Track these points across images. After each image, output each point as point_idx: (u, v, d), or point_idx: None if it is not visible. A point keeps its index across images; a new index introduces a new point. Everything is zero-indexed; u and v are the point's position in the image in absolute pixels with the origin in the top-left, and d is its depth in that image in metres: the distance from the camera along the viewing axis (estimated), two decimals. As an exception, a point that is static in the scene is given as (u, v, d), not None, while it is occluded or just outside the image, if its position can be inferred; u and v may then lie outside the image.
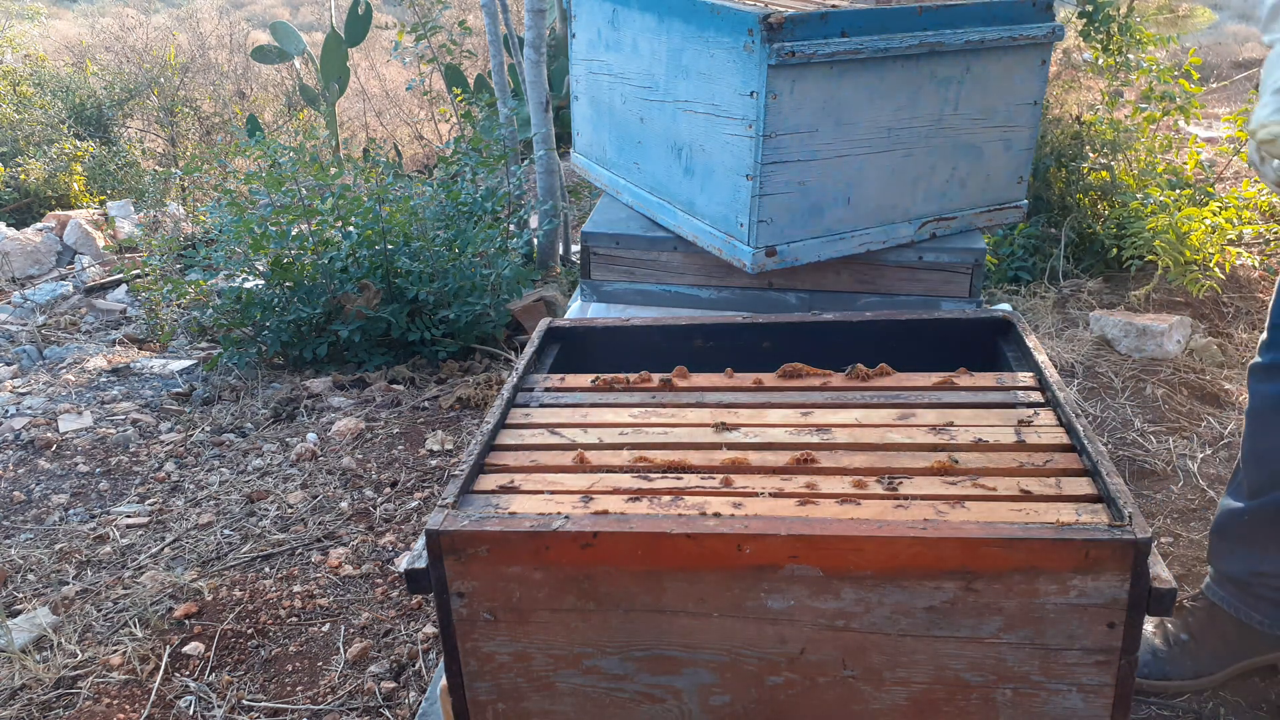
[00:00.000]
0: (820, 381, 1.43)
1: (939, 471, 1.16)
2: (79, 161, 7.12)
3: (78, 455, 3.01)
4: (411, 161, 7.78)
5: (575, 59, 2.54)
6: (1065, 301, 3.60)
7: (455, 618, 1.12)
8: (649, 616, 1.09)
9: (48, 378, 3.78)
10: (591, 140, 2.54)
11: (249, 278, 3.83)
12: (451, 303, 3.61)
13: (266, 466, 2.85)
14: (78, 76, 8.71)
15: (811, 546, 1.03)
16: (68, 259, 5.94)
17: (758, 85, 1.87)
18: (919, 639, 1.06)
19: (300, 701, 1.88)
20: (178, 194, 6.69)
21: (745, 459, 1.22)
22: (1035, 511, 1.06)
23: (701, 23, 1.98)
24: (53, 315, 4.76)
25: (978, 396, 1.36)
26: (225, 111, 8.56)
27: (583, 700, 1.15)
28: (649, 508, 1.12)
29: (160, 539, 2.49)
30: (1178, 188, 3.73)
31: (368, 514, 2.53)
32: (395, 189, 3.93)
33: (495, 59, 4.77)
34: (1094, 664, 1.04)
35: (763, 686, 1.11)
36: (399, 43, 5.78)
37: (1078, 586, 1.01)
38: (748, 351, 1.54)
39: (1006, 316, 1.55)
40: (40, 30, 12.19)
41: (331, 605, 2.16)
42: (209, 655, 2.01)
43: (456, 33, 6.05)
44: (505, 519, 1.11)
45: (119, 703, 1.88)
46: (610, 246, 2.31)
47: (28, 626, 2.12)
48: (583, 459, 1.24)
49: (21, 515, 2.67)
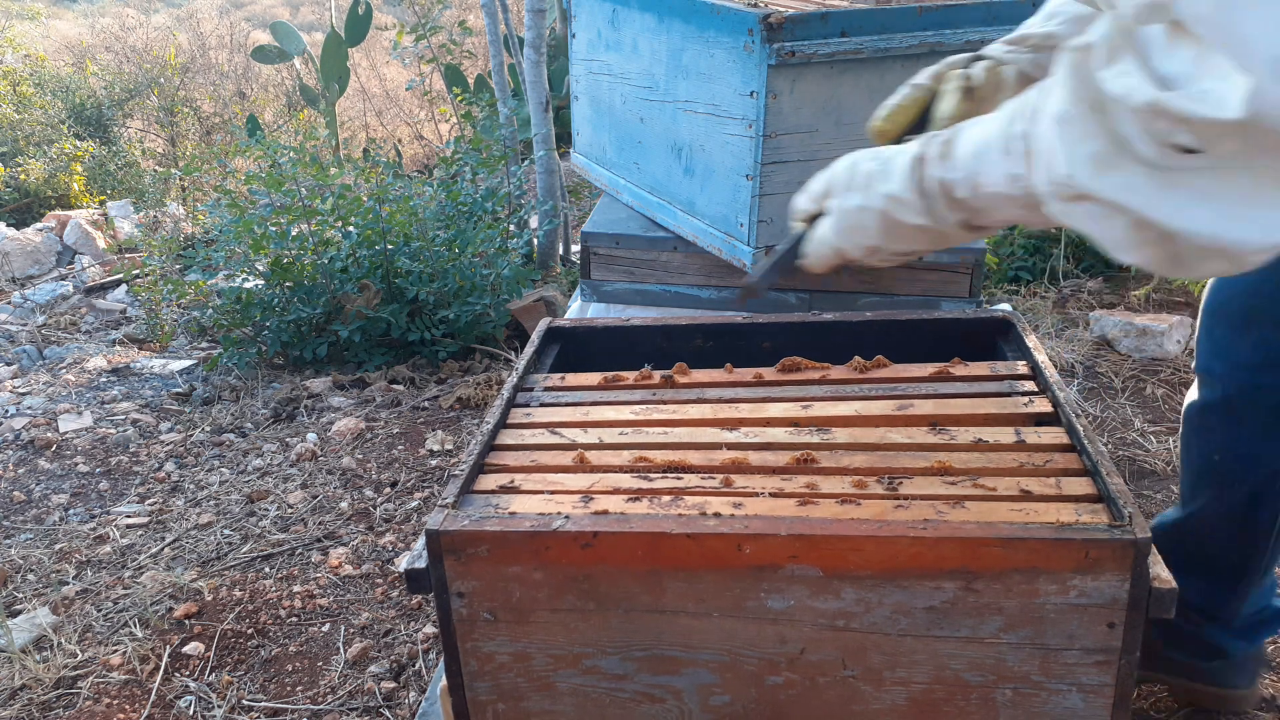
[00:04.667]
0: (819, 375, 1.43)
1: (939, 471, 1.16)
2: (79, 161, 7.13)
3: (78, 455, 3.01)
4: (411, 161, 7.78)
5: (575, 59, 2.54)
6: (1065, 301, 3.61)
7: (455, 618, 1.12)
8: (649, 616, 1.09)
9: (48, 378, 3.78)
10: (591, 140, 2.54)
11: (249, 278, 3.83)
12: (451, 303, 3.61)
13: (266, 466, 2.85)
14: (78, 76, 8.72)
15: (811, 546, 1.03)
16: (68, 259, 5.95)
17: (758, 85, 1.87)
18: (919, 639, 1.06)
19: (300, 701, 1.88)
20: (178, 194, 6.69)
21: (745, 459, 1.22)
22: (1035, 511, 1.06)
23: (701, 23, 1.98)
24: (53, 315, 4.76)
25: (974, 387, 1.36)
26: (225, 111, 8.57)
27: (583, 700, 1.15)
28: (649, 508, 1.12)
29: (160, 539, 2.49)
30: (1178, 188, 3.72)
31: (368, 514, 2.53)
32: (395, 189, 3.93)
33: (495, 59, 4.77)
34: (1094, 664, 1.04)
35: (763, 686, 1.11)
36: (399, 43, 5.79)
37: (1078, 586, 1.01)
38: (748, 351, 1.54)
39: (1006, 316, 1.55)
40: (40, 30, 12.20)
41: (331, 605, 2.16)
42: (209, 655, 2.01)
43: (456, 33, 6.05)
44: (505, 519, 1.11)
45: (119, 703, 1.88)
46: (610, 246, 2.31)
47: (28, 626, 2.12)
48: (583, 459, 1.24)
49: (21, 515, 2.67)
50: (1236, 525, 1.51)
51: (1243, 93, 0.71)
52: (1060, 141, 0.86)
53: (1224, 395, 1.46)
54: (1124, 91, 0.79)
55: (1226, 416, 1.46)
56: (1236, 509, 1.50)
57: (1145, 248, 0.84)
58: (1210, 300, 1.47)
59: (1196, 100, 0.73)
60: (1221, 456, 1.48)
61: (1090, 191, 0.84)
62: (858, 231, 1.12)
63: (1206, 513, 1.54)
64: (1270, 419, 1.42)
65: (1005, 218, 1.01)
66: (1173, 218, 0.80)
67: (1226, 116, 0.72)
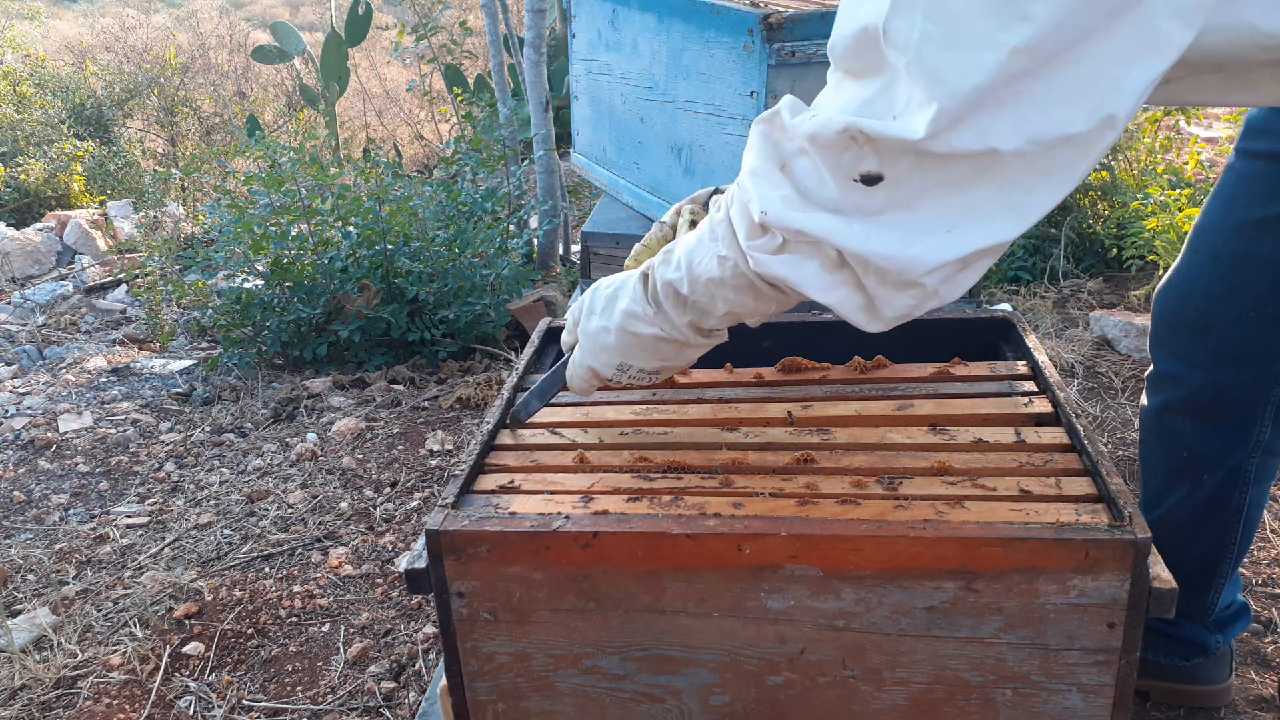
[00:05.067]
0: (819, 375, 1.43)
1: (939, 471, 1.16)
2: (79, 161, 7.13)
3: (78, 455, 3.01)
4: (411, 161, 7.78)
5: (575, 59, 2.54)
6: (1065, 301, 3.61)
7: (455, 618, 1.12)
8: (649, 616, 1.09)
9: (48, 378, 3.79)
10: (591, 140, 2.54)
11: (249, 278, 3.83)
12: (451, 303, 3.61)
13: (266, 466, 2.85)
14: (77, 76, 8.72)
15: (811, 546, 1.03)
16: (68, 259, 5.95)
17: (758, 85, 1.87)
18: (919, 639, 1.06)
19: (300, 701, 1.88)
20: (177, 194, 6.69)
21: (745, 459, 1.22)
22: (1035, 511, 1.06)
23: (701, 23, 1.98)
24: (53, 315, 4.76)
25: (974, 387, 1.37)
26: (225, 111, 8.57)
27: (583, 700, 1.15)
28: (649, 508, 1.12)
29: (160, 539, 2.49)
30: (1178, 187, 3.73)
31: (368, 514, 2.53)
32: (395, 189, 3.93)
33: (495, 59, 4.77)
34: (1094, 664, 1.04)
35: (762, 686, 1.11)
36: (399, 43, 5.79)
37: (1078, 586, 1.01)
38: (747, 351, 1.54)
39: (1006, 316, 1.55)
40: (40, 30, 12.20)
41: (331, 605, 2.16)
42: (209, 655, 2.01)
43: (456, 33, 6.06)
44: (505, 519, 1.11)
45: (119, 703, 1.88)
46: (610, 246, 2.31)
47: (28, 626, 2.12)
48: (583, 459, 1.24)
49: (21, 515, 2.67)
50: (1207, 520, 1.56)
51: (928, 115, 0.79)
52: (755, 190, 0.93)
53: (1186, 396, 1.51)
54: (820, 126, 0.87)
55: (1190, 416, 1.52)
56: (1206, 504, 1.55)
57: (840, 288, 0.92)
58: (1163, 310, 1.53)
59: (886, 121, 0.82)
60: (1189, 455, 1.54)
61: (783, 224, 0.91)
62: (604, 351, 1.18)
63: (1177, 513, 1.58)
64: (1231, 413, 1.49)
65: (727, 310, 1.06)
66: (859, 244, 0.87)
67: (912, 137, 0.80)
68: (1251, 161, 1.41)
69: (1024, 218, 0.85)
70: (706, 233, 1.04)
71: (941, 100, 0.78)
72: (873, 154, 0.84)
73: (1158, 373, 1.56)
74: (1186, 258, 1.50)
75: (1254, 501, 1.55)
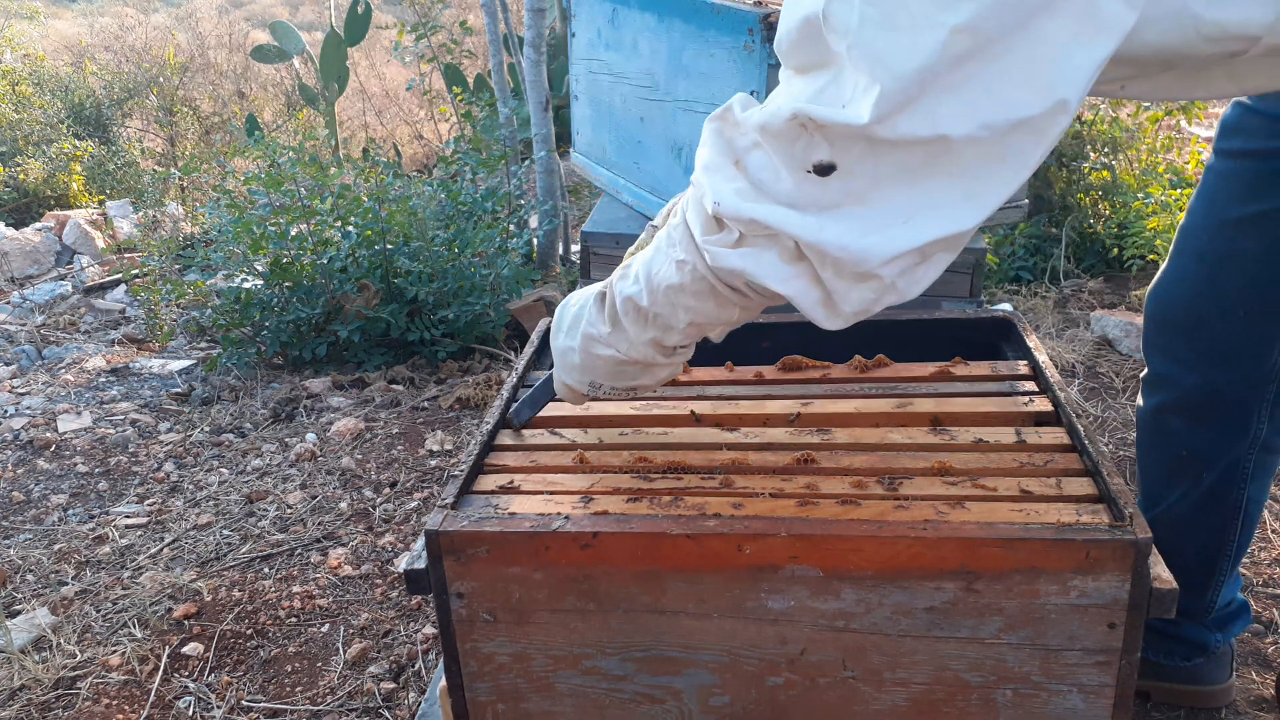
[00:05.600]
0: (820, 374, 1.43)
1: (939, 471, 1.16)
2: (78, 161, 7.12)
3: (77, 455, 3.01)
4: (411, 161, 7.78)
5: (575, 58, 2.53)
6: (1066, 301, 3.60)
7: (455, 618, 1.12)
8: (649, 617, 1.09)
9: (47, 378, 3.78)
10: (591, 140, 2.54)
11: (248, 278, 3.83)
12: (451, 303, 3.61)
13: (266, 467, 2.85)
14: (77, 76, 8.71)
15: (812, 547, 1.03)
16: (67, 259, 5.94)
17: (758, 85, 1.87)
18: (919, 639, 1.05)
19: (300, 702, 1.88)
20: (177, 194, 6.68)
21: (745, 459, 1.22)
22: (1036, 512, 1.06)
23: (702, 22, 1.98)
24: (52, 315, 4.76)
25: (975, 386, 1.36)
26: (224, 111, 8.56)
27: (582, 701, 1.15)
28: (649, 508, 1.12)
29: (159, 539, 2.48)
30: (1179, 187, 3.73)
31: (367, 514, 2.53)
32: (395, 189, 3.92)
33: (495, 58, 4.77)
34: (1095, 664, 1.04)
35: (763, 687, 1.11)
36: (399, 42, 5.78)
37: (1078, 587, 1.01)
38: (747, 350, 1.54)
39: (1007, 316, 1.55)
40: (39, 30, 12.19)
41: (331, 606, 2.16)
42: (208, 656, 2.00)
43: (456, 32, 6.05)
44: (505, 519, 1.10)
45: (118, 703, 1.88)
46: (610, 246, 2.30)
47: (27, 627, 2.11)
48: (582, 459, 1.24)
49: (21, 515, 2.67)
50: (1206, 518, 1.57)
51: (872, 99, 0.78)
52: (708, 183, 0.92)
53: (1180, 396, 1.52)
54: (769, 115, 0.86)
55: (1185, 416, 1.53)
56: (1204, 501, 1.55)
57: (798, 280, 0.91)
58: (1155, 312, 1.54)
59: (835, 109, 0.81)
60: (1187, 454, 1.54)
61: (736, 215, 0.90)
62: (573, 369, 1.18)
63: (1175, 511, 1.59)
64: (1226, 412, 1.49)
65: (690, 321, 1.03)
66: (814, 234, 0.86)
67: (858, 122, 0.79)
68: (1228, 160, 1.41)
69: (981, 206, 0.84)
70: (664, 240, 1.03)
71: (884, 83, 0.77)
72: (823, 142, 0.83)
73: (1152, 374, 1.57)
74: (1173, 259, 1.50)
75: (1252, 498, 1.55)
